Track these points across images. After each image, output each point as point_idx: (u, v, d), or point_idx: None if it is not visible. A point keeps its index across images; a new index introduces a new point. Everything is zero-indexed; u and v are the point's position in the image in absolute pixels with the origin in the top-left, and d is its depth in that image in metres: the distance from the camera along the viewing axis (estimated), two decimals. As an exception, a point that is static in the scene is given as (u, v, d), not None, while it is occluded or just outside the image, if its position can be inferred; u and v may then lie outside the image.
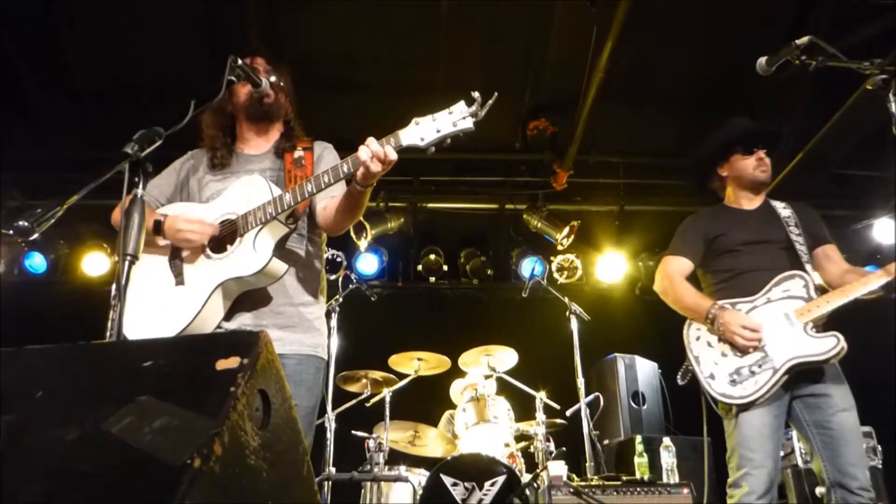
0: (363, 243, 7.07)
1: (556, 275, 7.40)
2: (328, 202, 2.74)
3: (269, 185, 2.60)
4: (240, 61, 2.57)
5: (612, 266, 7.33)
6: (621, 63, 5.37)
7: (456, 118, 2.49)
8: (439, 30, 5.74)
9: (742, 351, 3.06)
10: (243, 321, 2.60)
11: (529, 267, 6.83)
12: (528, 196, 7.24)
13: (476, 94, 2.48)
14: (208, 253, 2.59)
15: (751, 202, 3.47)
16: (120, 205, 2.35)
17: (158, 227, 2.57)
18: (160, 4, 5.41)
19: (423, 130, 2.49)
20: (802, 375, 3.02)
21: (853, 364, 6.31)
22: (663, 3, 5.38)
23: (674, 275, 3.37)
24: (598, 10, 5.18)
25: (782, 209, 3.41)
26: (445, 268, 7.58)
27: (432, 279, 7.60)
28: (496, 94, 2.50)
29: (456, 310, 7.71)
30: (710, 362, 3.14)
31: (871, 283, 2.99)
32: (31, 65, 5.81)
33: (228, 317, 2.59)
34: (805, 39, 2.66)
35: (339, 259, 7.12)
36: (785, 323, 3.06)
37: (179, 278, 2.59)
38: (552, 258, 7.44)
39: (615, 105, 6.04)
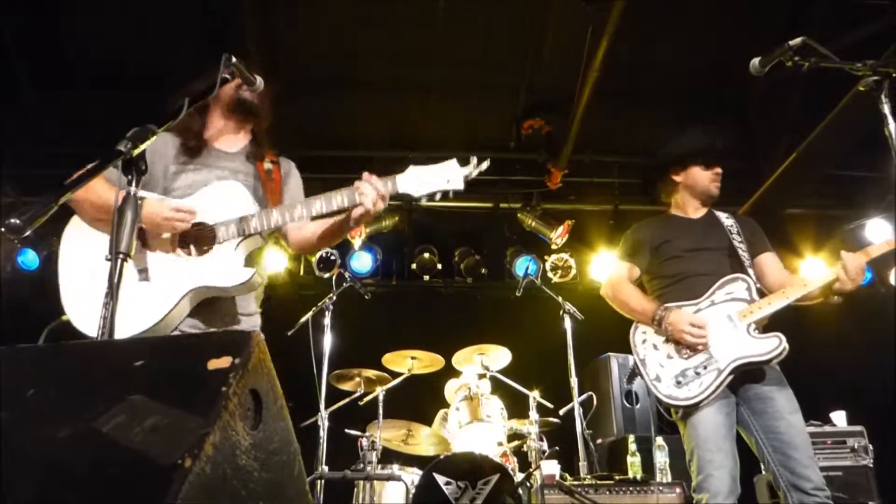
0: (357, 241, 7.07)
1: (549, 274, 7.41)
2: (303, 224, 2.76)
3: (251, 198, 2.61)
4: (234, 59, 2.57)
5: (606, 265, 7.34)
6: (616, 62, 5.38)
7: (450, 176, 2.52)
8: (435, 28, 5.73)
9: (690, 349, 3.11)
10: (196, 324, 2.54)
11: (523, 266, 6.84)
12: (523, 195, 7.24)
13: (474, 159, 2.55)
14: (179, 252, 2.51)
15: (696, 211, 3.57)
16: (91, 184, 2.30)
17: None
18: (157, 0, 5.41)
19: (418, 183, 2.55)
20: (746, 376, 3.07)
21: (846, 363, 6.36)
22: (658, 3, 5.39)
23: (619, 280, 3.48)
24: (593, 10, 5.19)
25: (725, 219, 3.51)
26: (439, 266, 7.58)
27: (426, 277, 7.60)
28: (488, 160, 2.58)
29: (450, 308, 7.71)
30: (655, 364, 3.19)
31: (812, 284, 3.07)
32: (25, 60, 5.78)
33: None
34: (798, 40, 2.66)
35: (332, 257, 7.13)
36: (728, 324, 3.11)
37: (143, 273, 2.47)
38: (546, 257, 7.45)
39: (610, 104, 6.05)
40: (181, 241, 2.54)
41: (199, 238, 2.53)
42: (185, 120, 2.55)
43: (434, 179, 2.54)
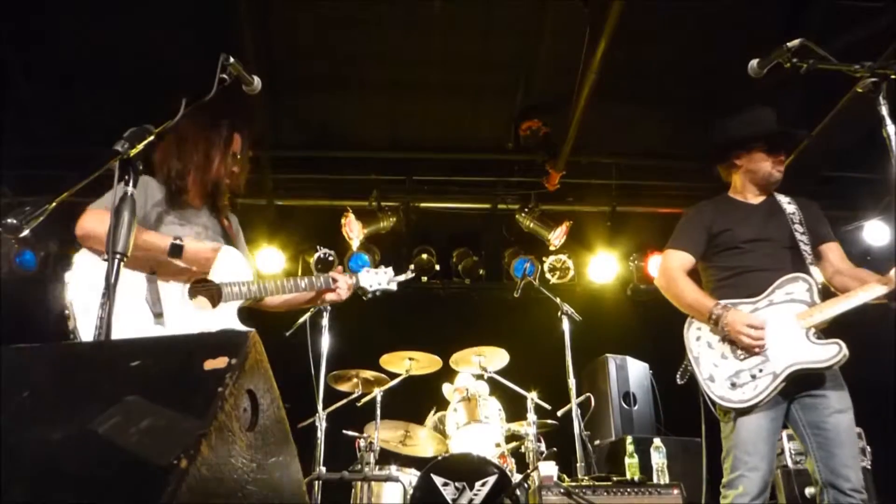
0: (355, 242, 7.06)
1: (548, 275, 7.41)
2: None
3: (248, 265, 2.94)
4: (232, 59, 2.57)
5: (603, 266, 7.35)
6: (614, 63, 5.37)
7: (390, 278, 3.39)
8: (432, 29, 5.73)
9: (746, 351, 3.01)
10: None
11: (520, 268, 6.84)
12: (521, 196, 7.25)
13: (409, 273, 3.57)
14: (191, 303, 2.72)
15: (756, 197, 3.42)
16: (89, 213, 2.57)
17: (178, 251, 2.61)
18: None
19: (371, 279, 3.33)
20: (804, 381, 2.98)
21: (844, 365, 6.35)
22: (655, 4, 5.39)
23: (675, 270, 3.30)
24: (591, 11, 5.19)
25: (787, 204, 3.36)
26: (437, 267, 7.57)
27: (424, 279, 7.60)
28: (414, 273, 3.62)
29: (448, 309, 7.71)
30: (709, 364, 3.09)
31: (873, 290, 2.95)
32: (22, 60, 5.77)
33: None
34: (796, 42, 2.67)
35: (330, 258, 7.12)
36: (787, 327, 2.99)
37: (160, 318, 2.61)
38: (544, 258, 7.45)
39: (608, 106, 6.05)
40: (190, 292, 2.73)
41: (208, 293, 2.78)
42: (173, 169, 2.86)
43: (381, 279, 3.35)
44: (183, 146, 2.91)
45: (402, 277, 3.43)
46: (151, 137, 2.14)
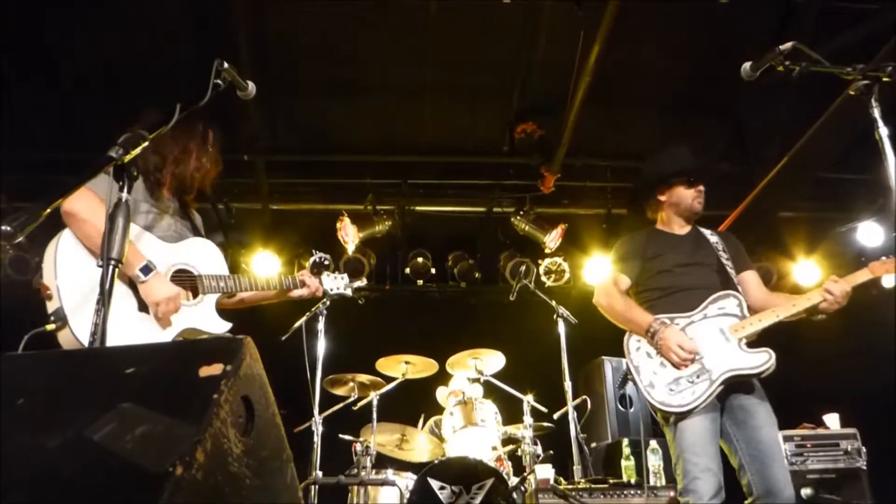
0: (350, 246, 7.06)
1: (543, 278, 7.41)
2: None
3: (223, 258, 3.04)
4: (226, 64, 2.57)
5: (599, 269, 7.35)
6: (609, 66, 5.38)
7: (347, 283, 3.64)
8: (427, 31, 5.74)
9: (674, 367, 3.22)
10: None
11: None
12: (516, 199, 7.24)
13: (364, 279, 4.08)
14: (180, 305, 2.76)
15: (682, 228, 3.69)
16: (83, 192, 2.51)
17: (147, 271, 2.63)
18: (147, 2, 5.39)
19: (333, 283, 3.57)
20: (732, 388, 3.19)
21: (839, 366, 6.37)
22: (650, 7, 5.40)
23: (613, 289, 3.56)
24: (586, 14, 5.20)
25: (710, 235, 3.66)
26: (433, 271, 7.58)
27: (420, 282, 7.60)
28: (365, 282, 3.99)
29: (443, 313, 7.71)
30: (649, 372, 3.28)
31: (800, 305, 3.23)
32: (16, 64, 5.76)
33: None
34: (788, 45, 2.68)
35: (326, 262, 7.10)
36: (721, 338, 3.23)
37: (143, 307, 2.67)
38: (540, 261, 7.45)
39: (603, 108, 6.05)
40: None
41: (185, 284, 2.83)
42: (156, 163, 2.92)
43: (339, 284, 3.58)
44: (160, 140, 2.90)
45: (357, 284, 3.69)
46: (146, 143, 2.14)
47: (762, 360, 3.13)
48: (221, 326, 2.89)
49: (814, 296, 3.22)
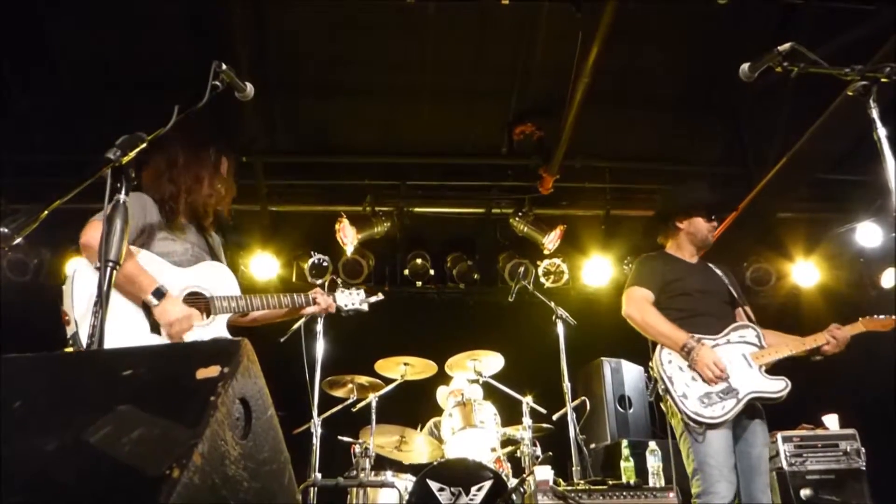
0: (349, 248, 7.05)
1: (542, 279, 7.41)
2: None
3: (236, 280, 3.08)
4: (224, 66, 2.57)
5: (598, 270, 7.35)
6: (607, 67, 5.38)
7: (363, 299, 3.59)
8: (426, 33, 5.74)
9: (707, 382, 3.52)
10: None
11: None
12: (515, 200, 7.24)
13: (379, 295, 3.70)
14: (192, 325, 2.82)
15: (692, 257, 3.98)
16: (93, 224, 2.67)
17: (160, 295, 2.71)
18: (146, 3, 5.38)
19: (346, 299, 3.53)
20: (746, 410, 3.53)
21: (838, 367, 6.37)
22: (648, 8, 5.40)
23: (642, 302, 3.79)
24: (584, 15, 5.20)
25: (715, 268, 3.96)
26: (432, 272, 7.57)
27: (419, 283, 7.59)
28: (381, 296, 3.73)
29: (442, 314, 7.70)
30: (682, 384, 3.56)
31: (810, 344, 3.64)
32: (11, 65, 5.75)
33: None
34: (787, 46, 2.68)
35: (325, 263, 7.11)
36: (745, 362, 3.59)
37: (156, 328, 2.74)
38: (538, 262, 7.45)
39: (601, 109, 6.05)
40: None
41: (197, 306, 2.87)
42: (169, 189, 3.00)
43: (354, 300, 3.55)
44: (174, 170, 3.04)
45: (373, 299, 3.63)
46: (144, 145, 2.14)
47: (781, 386, 3.53)
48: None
49: (820, 338, 3.63)
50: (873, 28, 5.10)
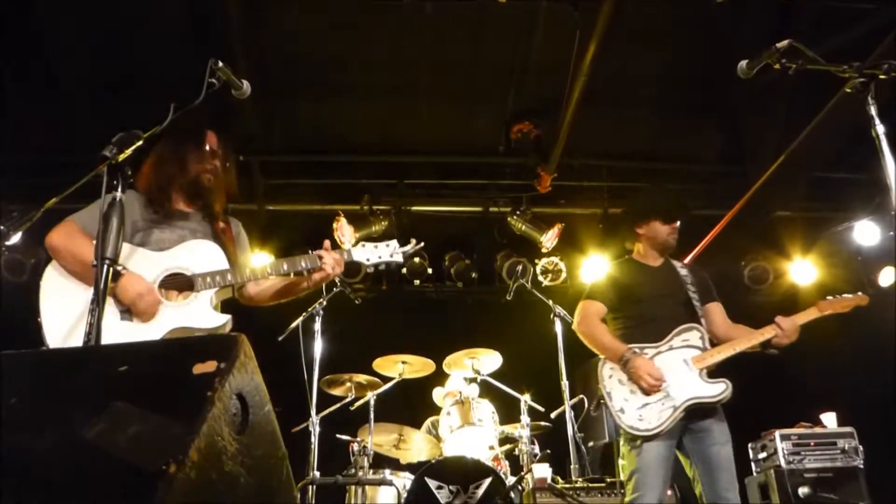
0: (347, 247, 7.04)
1: (540, 277, 7.40)
2: (261, 281, 3.07)
3: (224, 255, 2.87)
4: (220, 63, 2.56)
5: (596, 268, 7.34)
6: (604, 66, 5.38)
7: (392, 251, 3.09)
8: (424, 33, 5.73)
9: (645, 393, 3.52)
10: None
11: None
12: (513, 199, 7.24)
13: (413, 241, 3.17)
14: (160, 297, 2.70)
15: (656, 260, 3.99)
16: (61, 225, 2.62)
17: (115, 276, 2.50)
18: (144, 2, 5.37)
19: (368, 253, 3.07)
20: (697, 412, 3.51)
21: (836, 365, 6.37)
22: (646, 7, 5.40)
23: (592, 316, 3.85)
24: (581, 15, 5.20)
25: (680, 268, 3.97)
26: (430, 271, 7.57)
27: (417, 282, 7.59)
28: (423, 242, 3.21)
29: (440, 313, 7.70)
30: (620, 398, 3.59)
31: (755, 339, 3.58)
32: (8, 66, 5.74)
33: None
34: (785, 43, 2.68)
35: (322, 262, 7.09)
36: (684, 368, 3.56)
37: (126, 313, 2.63)
38: (536, 261, 7.45)
39: (599, 108, 6.05)
40: (160, 288, 2.72)
41: (179, 286, 2.76)
42: (157, 181, 2.89)
43: (381, 252, 3.08)
44: (160, 166, 2.95)
45: (408, 248, 3.14)
46: (140, 143, 2.14)
47: (720, 389, 3.48)
48: (216, 320, 2.75)
49: (767, 330, 3.56)
50: (872, 27, 5.10)
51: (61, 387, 1.33)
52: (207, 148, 3.01)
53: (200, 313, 2.73)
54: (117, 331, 2.55)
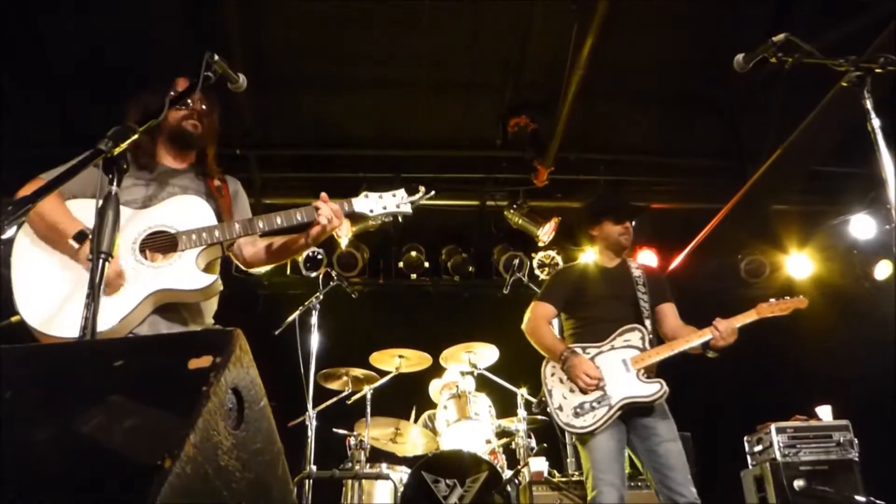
0: (344, 241, 7.04)
1: (537, 271, 7.42)
2: (257, 241, 2.93)
3: (212, 211, 2.69)
4: (216, 56, 2.55)
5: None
6: (601, 60, 5.37)
7: (399, 201, 2.87)
8: (421, 27, 5.71)
9: (582, 391, 3.60)
10: (158, 329, 2.54)
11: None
12: (509, 193, 7.24)
13: (422, 188, 2.88)
14: (139, 258, 2.53)
15: (611, 261, 4.08)
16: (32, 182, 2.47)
17: (82, 237, 2.42)
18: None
19: (372, 203, 2.83)
20: (636, 411, 3.59)
21: (832, 358, 6.38)
22: (643, 1, 5.39)
23: (539, 319, 3.95)
24: (579, 8, 5.18)
25: (634, 269, 4.04)
26: (427, 265, 7.58)
27: (413, 276, 7.60)
28: (433, 191, 2.90)
29: (437, 307, 7.71)
30: (559, 396, 3.69)
31: (692, 341, 3.61)
32: (6, 59, 5.72)
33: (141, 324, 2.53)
34: (781, 37, 2.67)
35: (319, 256, 7.11)
36: (622, 368, 3.64)
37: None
38: (533, 255, 7.46)
39: (595, 102, 6.05)
40: (142, 248, 2.55)
41: (161, 246, 2.58)
42: (141, 136, 2.52)
43: (387, 203, 2.85)
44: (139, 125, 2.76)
45: (417, 197, 2.89)
46: (135, 136, 2.12)
47: (655, 389, 3.53)
48: (200, 280, 2.54)
49: (705, 332, 3.59)
50: (869, 21, 5.09)
51: (56, 380, 1.33)
52: (183, 94, 2.74)
53: (184, 274, 2.54)
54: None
